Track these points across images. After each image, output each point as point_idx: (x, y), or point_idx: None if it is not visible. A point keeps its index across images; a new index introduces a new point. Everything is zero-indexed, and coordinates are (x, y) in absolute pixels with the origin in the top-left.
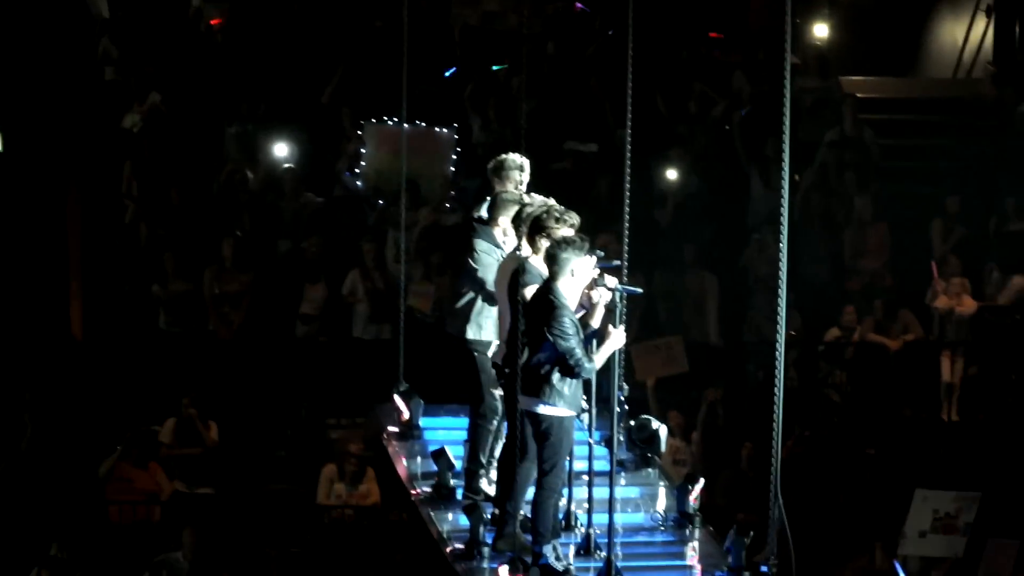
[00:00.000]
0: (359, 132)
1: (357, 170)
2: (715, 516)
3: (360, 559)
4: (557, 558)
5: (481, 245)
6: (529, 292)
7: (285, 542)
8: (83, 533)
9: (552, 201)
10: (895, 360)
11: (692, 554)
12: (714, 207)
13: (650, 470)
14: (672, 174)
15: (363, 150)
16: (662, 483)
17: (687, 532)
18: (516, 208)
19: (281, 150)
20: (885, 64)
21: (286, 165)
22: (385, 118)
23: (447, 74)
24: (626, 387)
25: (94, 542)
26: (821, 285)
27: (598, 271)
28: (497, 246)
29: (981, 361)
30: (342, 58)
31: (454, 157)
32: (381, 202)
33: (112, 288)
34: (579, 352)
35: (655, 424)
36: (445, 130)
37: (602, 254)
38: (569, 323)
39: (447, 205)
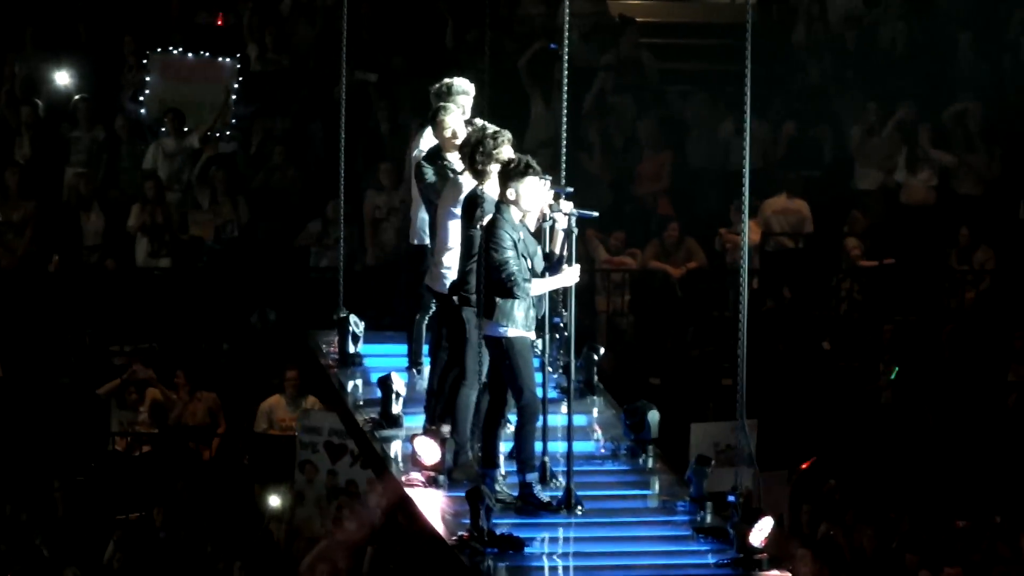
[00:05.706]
0: (144, 61)
1: (141, 98)
2: None
3: (146, 488)
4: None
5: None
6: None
7: (71, 471)
8: None
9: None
10: (680, 288)
11: (651, 483)
12: None
13: (594, 397)
14: None
15: (148, 79)
16: (608, 410)
17: (640, 461)
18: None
19: (63, 79)
20: None
21: (78, 96)
22: (171, 48)
23: None
24: (565, 313)
25: None
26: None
27: (553, 194)
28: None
29: (767, 289)
30: None
31: (236, 86)
32: (164, 130)
33: None
34: (512, 267)
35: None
36: (228, 60)
37: (550, 178)
38: (506, 236)
39: (227, 133)
